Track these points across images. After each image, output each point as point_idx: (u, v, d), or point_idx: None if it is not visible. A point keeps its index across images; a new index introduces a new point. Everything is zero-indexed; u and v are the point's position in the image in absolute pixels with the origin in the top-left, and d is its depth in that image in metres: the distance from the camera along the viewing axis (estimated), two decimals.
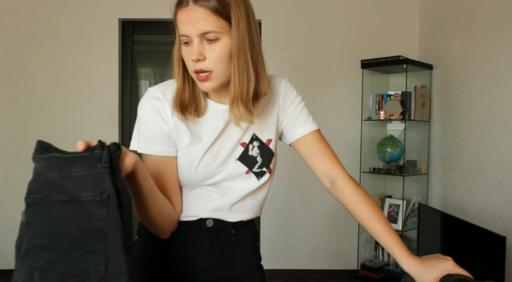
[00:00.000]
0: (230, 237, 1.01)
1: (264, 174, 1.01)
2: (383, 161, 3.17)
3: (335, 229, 3.30)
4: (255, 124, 0.99)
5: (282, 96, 1.04)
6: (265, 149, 1.01)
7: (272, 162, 1.02)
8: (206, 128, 0.96)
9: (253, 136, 1.00)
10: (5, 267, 3.20)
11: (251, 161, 0.99)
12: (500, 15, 2.35)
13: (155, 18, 3.24)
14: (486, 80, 2.46)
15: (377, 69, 3.20)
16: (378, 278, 3.08)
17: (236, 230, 1.01)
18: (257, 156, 1.00)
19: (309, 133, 1.04)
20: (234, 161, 0.97)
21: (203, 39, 0.86)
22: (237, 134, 0.98)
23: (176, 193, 0.96)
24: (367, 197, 0.99)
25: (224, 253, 1.00)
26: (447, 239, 2.35)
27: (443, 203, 2.93)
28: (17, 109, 3.21)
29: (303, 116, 1.04)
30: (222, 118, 0.96)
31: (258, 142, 1.00)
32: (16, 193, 3.22)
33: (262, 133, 1.01)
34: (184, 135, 0.94)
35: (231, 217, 1.00)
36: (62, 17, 3.19)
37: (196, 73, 0.88)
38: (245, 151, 0.99)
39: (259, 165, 1.00)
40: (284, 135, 1.07)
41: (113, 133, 3.23)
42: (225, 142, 0.97)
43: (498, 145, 2.35)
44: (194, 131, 0.95)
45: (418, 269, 0.87)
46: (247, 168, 0.99)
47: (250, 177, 1.00)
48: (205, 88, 0.90)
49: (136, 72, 3.43)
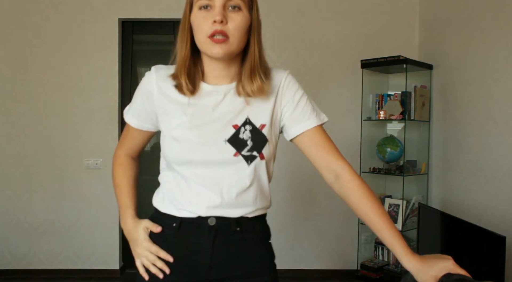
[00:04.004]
0: (234, 234, 0.99)
1: (255, 159, 0.98)
2: (383, 161, 3.17)
3: (335, 229, 3.30)
4: (250, 106, 0.99)
5: (283, 87, 1.03)
6: (258, 134, 0.99)
7: (266, 148, 0.99)
8: (198, 107, 0.98)
9: (247, 120, 0.99)
10: (5, 267, 3.20)
11: (240, 144, 0.97)
12: (500, 15, 2.35)
13: (155, 18, 3.24)
14: (486, 80, 2.46)
15: (377, 69, 3.20)
16: (378, 278, 3.08)
17: (241, 227, 0.99)
18: (248, 139, 0.98)
19: (314, 128, 1.03)
20: (223, 141, 0.96)
21: (226, 6, 0.92)
22: (229, 116, 0.98)
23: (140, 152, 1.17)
24: (372, 193, 0.98)
25: (229, 251, 0.99)
26: (447, 239, 2.35)
27: (443, 203, 2.93)
28: (17, 109, 3.21)
29: (306, 111, 1.03)
30: (216, 99, 0.99)
31: (251, 125, 0.99)
32: (16, 193, 3.22)
33: (256, 118, 0.99)
34: (174, 114, 0.98)
35: (233, 212, 0.98)
36: (62, 17, 3.19)
37: (212, 37, 0.91)
38: (236, 133, 0.97)
39: (249, 148, 0.97)
40: (286, 130, 1.05)
41: (113, 133, 3.23)
42: (216, 122, 0.97)
43: (498, 145, 2.35)
44: (186, 110, 0.98)
45: (418, 267, 0.87)
46: (235, 150, 0.96)
47: (240, 161, 0.97)
48: (217, 53, 0.92)
49: (136, 72, 3.43)
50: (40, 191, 3.22)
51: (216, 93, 0.99)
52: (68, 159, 3.22)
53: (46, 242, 3.23)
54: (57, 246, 3.23)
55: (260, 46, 0.99)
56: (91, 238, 3.24)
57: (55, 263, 3.24)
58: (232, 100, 0.99)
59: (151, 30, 3.36)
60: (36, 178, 3.22)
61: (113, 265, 3.26)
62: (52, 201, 3.23)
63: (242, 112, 0.99)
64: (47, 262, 3.23)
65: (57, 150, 3.22)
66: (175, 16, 3.16)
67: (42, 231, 3.23)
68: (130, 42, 3.35)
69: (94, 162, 3.21)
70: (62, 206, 3.23)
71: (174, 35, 3.32)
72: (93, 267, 3.24)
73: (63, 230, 3.23)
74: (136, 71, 3.43)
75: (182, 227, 0.98)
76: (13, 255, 3.22)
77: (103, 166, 3.22)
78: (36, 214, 3.22)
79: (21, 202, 3.23)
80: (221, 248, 0.98)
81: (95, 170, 3.22)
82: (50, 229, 3.23)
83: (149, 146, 3.53)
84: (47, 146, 3.21)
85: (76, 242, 3.24)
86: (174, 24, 3.30)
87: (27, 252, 3.22)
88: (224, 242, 0.98)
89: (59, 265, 3.24)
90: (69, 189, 3.23)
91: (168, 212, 1.01)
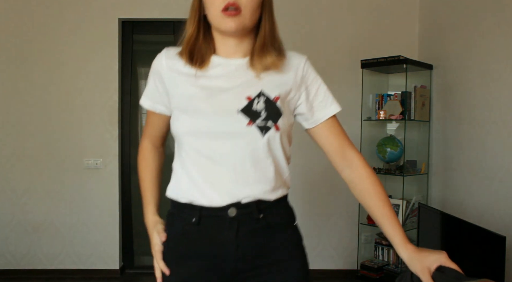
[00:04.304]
0: (258, 222, 0.95)
1: (269, 129, 0.94)
2: (383, 161, 3.17)
3: (335, 229, 3.30)
4: (263, 81, 0.97)
5: (302, 70, 1.02)
6: (272, 106, 0.96)
7: (281, 120, 0.96)
8: (209, 79, 0.98)
9: (261, 92, 0.96)
10: (5, 267, 3.19)
11: (254, 114, 0.94)
12: (500, 15, 2.35)
13: (155, 18, 3.24)
14: (486, 80, 2.46)
15: (377, 69, 3.20)
16: (378, 278, 3.08)
17: (264, 213, 0.95)
18: (262, 110, 0.95)
19: (334, 115, 1.06)
20: (235, 111, 0.94)
21: None
22: (242, 88, 0.96)
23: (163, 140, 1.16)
24: (380, 182, 1.02)
25: (254, 241, 0.95)
26: (447, 239, 2.35)
27: (443, 203, 2.93)
28: (17, 109, 3.21)
29: (328, 97, 1.05)
30: (228, 71, 0.98)
31: (265, 97, 0.96)
32: (16, 193, 3.22)
33: (271, 91, 0.97)
34: (183, 86, 0.98)
35: (252, 192, 0.94)
36: (62, 17, 3.19)
37: (225, 10, 0.91)
38: (249, 104, 0.95)
39: (263, 118, 0.94)
40: (308, 118, 1.04)
41: (113, 133, 3.23)
42: (228, 92, 0.96)
43: (498, 145, 2.35)
44: (196, 81, 0.97)
45: (412, 256, 0.90)
46: (249, 119, 0.93)
47: (253, 132, 0.94)
48: (230, 27, 0.92)
49: (136, 72, 3.43)
50: (40, 191, 3.22)
51: (228, 66, 0.98)
52: (68, 159, 3.22)
53: (46, 242, 3.23)
54: (57, 246, 3.23)
55: (272, 21, 0.99)
56: (91, 238, 3.24)
57: (55, 263, 3.24)
58: (245, 73, 0.98)
59: (151, 30, 3.36)
60: (36, 178, 3.22)
61: (113, 265, 3.25)
62: (52, 201, 3.23)
63: (256, 85, 0.97)
64: (47, 262, 3.23)
65: (57, 150, 3.22)
66: (175, 16, 3.16)
67: (42, 231, 3.23)
68: (130, 42, 3.35)
69: (94, 162, 3.21)
70: (62, 206, 3.23)
71: (174, 35, 3.32)
72: (93, 267, 3.24)
73: (63, 230, 3.23)
74: (136, 71, 3.43)
75: (202, 222, 0.95)
76: (13, 255, 3.22)
77: (103, 166, 3.22)
78: (36, 214, 3.22)
79: (21, 202, 3.23)
80: (245, 238, 0.94)
81: (95, 170, 3.22)
82: (50, 229, 3.23)
83: None
84: (47, 146, 3.21)
85: (76, 242, 3.24)
86: (174, 24, 3.30)
87: (27, 252, 3.22)
88: (248, 232, 0.95)
89: (59, 265, 3.24)
90: (69, 189, 3.23)
91: (184, 200, 0.98)
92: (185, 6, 1.05)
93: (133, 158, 3.36)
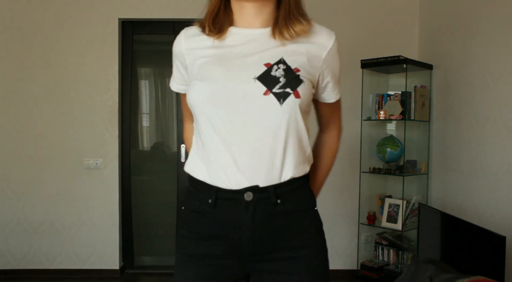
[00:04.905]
0: (276, 207, 0.92)
1: (288, 96, 0.88)
2: (383, 161, 3.17)
3: (335, 229, 3.30)
4: (285, 49, 0.93)
5: (332, 48, 0.99)
6: (292, 74, 0.90)
7: (301, 87, 0.90)
8: (226, 47, 0.96)
9: (281, 60, 0.92)
10: (5, 267, 3.20)
11: (272, 81, 0.89)
12: (500, 15, 2.35)
13: (155, 18, 3.24)
14: (486, 80, 2.46)
15: (377, 69, 3.20)
16: (378, 278, 3.08)
17: (281, 198, 0.92)
18: (281, 76, 0.89)
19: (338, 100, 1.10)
20: (252, 79, 0.89)
21: None
22: (260, 55, 0.92)
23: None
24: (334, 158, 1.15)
25: (271, 225, 0.92)
26: (447, 239, 2.35)
27: (443, 203, 2.93)
28: (17, 109, 3.21)
29: (339, 82, 1.07)
30: (245, 39, 0.96)
31: (285, 65, 0.91)
32: (16, 193, 3.22)
33: (292, 60, 0.93)
34: (200, 55, 0.98)
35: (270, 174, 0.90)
36: (62, 17, 3.19)
37: None
38: (267, 70, 0.90)
39: (281, 85, 0.89)
40: (317, 92, 1.03)
41: (113, 133, 3.23)
42: (245, 58, 0.93)
43: (498, 145, 2.35)
44: (212, 50, 0.96)
45: None
46: (265, 88, 0.88)
47: (270, 100, 0.88)
48: None
49: (136, 72, 3.43)
50: (40, 191, 3.22)
51: (246, 35, 0.96)
52: (68, 159, 3.22)
53: (46, 242, 3.23)
54: (57, 246, 3.23)
55: None
56: (91, 238, 3.24)
57: (55, 263, 3.24)
58: (265, 42, 0.94)
59: (151, 30, 3.36)
60: (36, 178, 3.22)
61: (113, 265, 3.26)
62: (52, 201, 3.23)
63: (276, 52, 0.93)
64: (47, 262, 3.23)
65: (57, 150, 3.22)
66: (175, 16, 3.16)
67: (42, 231, 3.23)
68: (130, 42, 3.35)
69: (94, 162, 3.21)
70: (62, 206, 3.23)
71: (174, 35, 3.32)
72: (93, 267, 3.24)
73: (63, 230, 3.23)
74: (136, 71, 3.43)
75: (218, 204, 0.92)
76: (13, 255, 3.22)
77: (103, 166, 3.22)
78: (36, 214, 3.22)
79: (21, 202, 3.23)
80: (262, 223, 0.92)
81: (95, 170, 3.22)
82: (50, 229, 3.23)
83: (149, 146, 3.53)
84: (47, 146, 3.21)
85: (76, 242, 3.24)
86: (174, 24, 3.30)
87: (27, 252, 3.22)
88: (265, 217, 0.91)
89: (59, 265, 3.24)
90: (69, 189, 3.23)
91: (200, 177, 0.96)
92: (185, 6, 1.05)
93: (133, 157, 3.36)
